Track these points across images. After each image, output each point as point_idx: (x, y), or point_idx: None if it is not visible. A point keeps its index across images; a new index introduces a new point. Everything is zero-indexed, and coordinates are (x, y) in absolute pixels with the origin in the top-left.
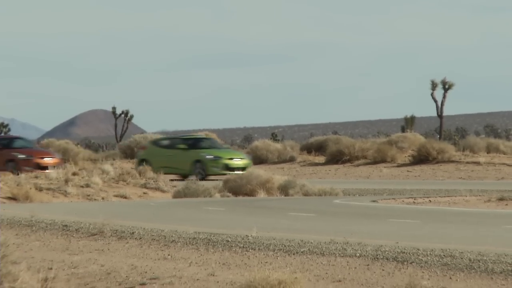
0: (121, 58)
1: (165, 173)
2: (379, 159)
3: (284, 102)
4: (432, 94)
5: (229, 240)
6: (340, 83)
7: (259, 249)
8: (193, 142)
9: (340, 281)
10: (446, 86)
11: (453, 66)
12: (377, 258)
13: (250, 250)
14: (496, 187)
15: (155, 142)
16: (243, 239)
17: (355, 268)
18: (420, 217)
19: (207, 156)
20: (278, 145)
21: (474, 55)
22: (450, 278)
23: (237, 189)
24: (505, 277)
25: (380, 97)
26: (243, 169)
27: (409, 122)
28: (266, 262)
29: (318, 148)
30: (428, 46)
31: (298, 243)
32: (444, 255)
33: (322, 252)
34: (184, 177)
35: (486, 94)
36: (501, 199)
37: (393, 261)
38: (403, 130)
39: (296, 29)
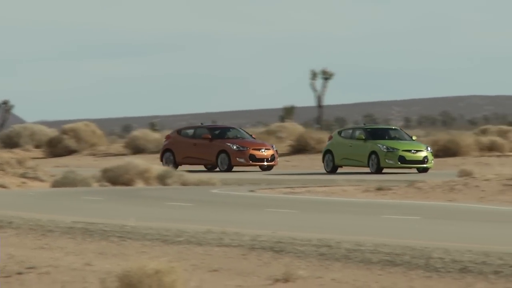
0: (2, 47)
1: (346, 165)
2: None
3: (165, 92)
4: (311, 84)
5: (106, 229)
6: (219, 73)
7: (136, 238)
8: (373, 132)
9: (216, 270)
10: (326, 76)
11: (333, 56)
12: (254, 248)
13: (127, 239)
14: (374, 177)
15: (340, 132)
16: (120, 228)
17: (232, 257)
18: (297, 207)
19: (382, 148)
20: (156, 135)
21: (354, 45)
22: (327, 268)
23: (115, 179)
24: (382, 267)
25: (260, 87)
26: (422, 162)
27: (288, 112)
28: (143, 252)
29: None
30: (309, 36)
31: (175, 233)
32: (321, 245)
33: (199, 242)
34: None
35: (366, 84)
36: (379, 189)
37: (269, 250)
38: (282, 120)
39: (183, 19)
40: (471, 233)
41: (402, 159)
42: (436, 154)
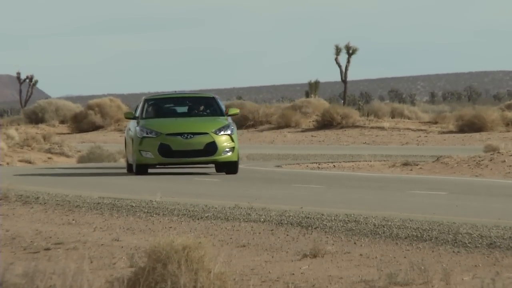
0: (25, 23)
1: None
2: (283, 124)
3: (188, 67)
4: (336, 59)
5: (133, 205)
6: (244, 48)
7: (163, 214)
8: (156, 105)
9: (244, 246)
10: (350, 51)
11: (356, 30)
12: (282, 223)
13: (154, 215)
14: (400, 152)
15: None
16: (147, 204)
17: (260, 233)
18: (324, 182)
19: (138, 130)
20: None
21: (378, 19)
22: (355, 243)
23: None
24: (410, 242)
25: (284, 62)
26: (203, 152)
27: (313, 87)
28: (170, 227)
29: None
30: (332, 10)
31: (202, 208)
32: (348, 220)
33: (226, 217)
34: None
35: (390, 59)
36: (405, 164)
37: (297, 226)
38: (307, 95)
39: None
40: (498, 208)
41: (165, 150)
42: (461, 129)
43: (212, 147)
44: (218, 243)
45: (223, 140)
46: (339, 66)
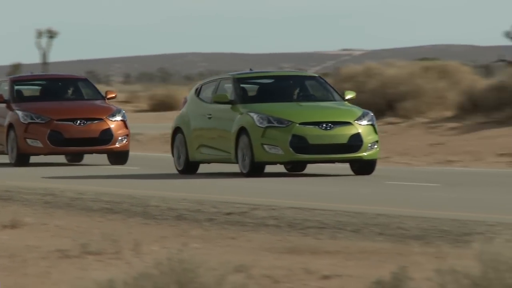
0: None
1: (206, 161)
2: None
3: None
4: (37, 43)
5: None
6: None
7: None
8: (258, 87)
9: None
10: (51, 35)
11: (59, 12)
12: None
13: None
14: None
15: (199, 89)
16: None
17: None
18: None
19: (257, 118)
20: None
21: (79, 2)
22: (51, 215)
23: None
24: (103, 214)
25: None
26: (347, 148)
27: (15, 69)
28: None
29: None
30: None
31: None
32: (46, 194)
33: None
34: None
35: (89, 41)
36: None
37: None
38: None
39: None
40: (187, 183)
41: (299, 144)
42: (154, 108)
43: (357, 141)
44: None
45: (367, 131)
46: (40, 49)
